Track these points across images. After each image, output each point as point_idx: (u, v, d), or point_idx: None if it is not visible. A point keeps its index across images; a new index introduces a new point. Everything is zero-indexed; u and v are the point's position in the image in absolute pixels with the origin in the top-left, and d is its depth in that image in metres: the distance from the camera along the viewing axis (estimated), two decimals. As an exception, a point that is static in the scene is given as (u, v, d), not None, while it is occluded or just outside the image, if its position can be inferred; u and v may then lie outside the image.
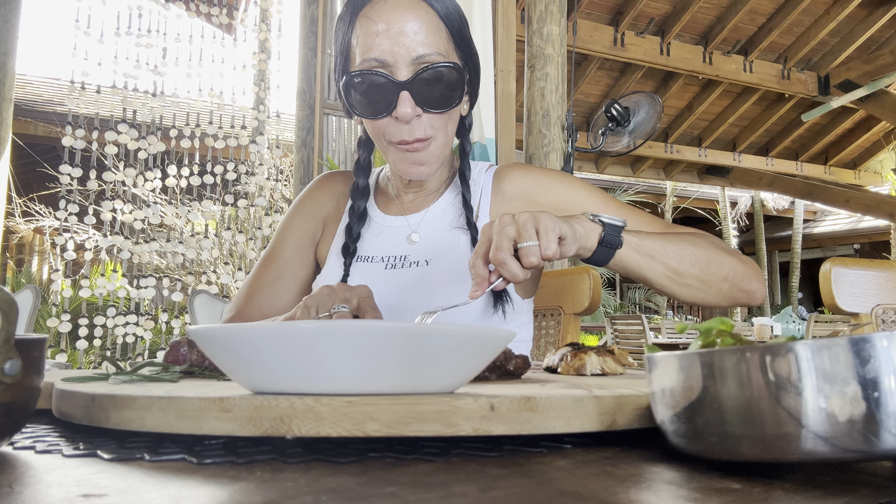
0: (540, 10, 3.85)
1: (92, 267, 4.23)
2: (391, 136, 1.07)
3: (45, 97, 7.54)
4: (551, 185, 1.19)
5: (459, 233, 1.16)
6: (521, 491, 0.36)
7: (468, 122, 1.22)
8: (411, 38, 1.03)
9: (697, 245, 1.02)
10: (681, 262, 0.99)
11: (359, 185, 1.21)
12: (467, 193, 1.18)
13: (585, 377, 0.76)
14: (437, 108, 1.05)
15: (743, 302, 1.07)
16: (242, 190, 4.41)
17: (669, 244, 0.99)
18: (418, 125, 1.06)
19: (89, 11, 4.11)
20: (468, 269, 1.12)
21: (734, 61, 7.59)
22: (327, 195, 1.31)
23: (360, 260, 1.18)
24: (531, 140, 3.79)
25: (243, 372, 0.49)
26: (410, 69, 1.03)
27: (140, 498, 0.34)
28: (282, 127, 6.83)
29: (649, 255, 0.96)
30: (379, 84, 1.03)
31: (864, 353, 0.34)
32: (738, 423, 0.37)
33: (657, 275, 0.98)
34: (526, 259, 0.80)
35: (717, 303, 1.04)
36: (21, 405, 0.44)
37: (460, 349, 0.49)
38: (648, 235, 0.98)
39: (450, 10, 1.09)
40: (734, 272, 1.03)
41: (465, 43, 1.12)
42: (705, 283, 1.01)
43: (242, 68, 4.50)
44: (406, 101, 1.02)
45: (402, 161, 1.10)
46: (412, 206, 1.22)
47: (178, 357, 0.76)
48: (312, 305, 0.92)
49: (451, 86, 1.06)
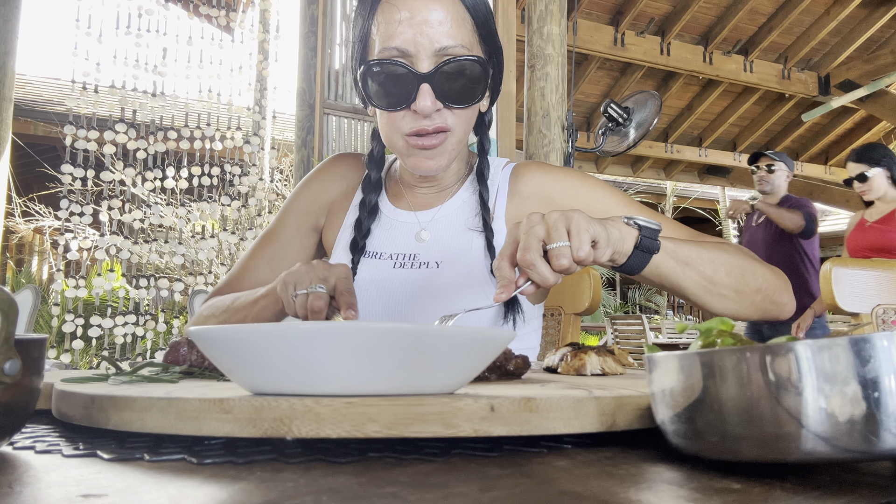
0: (540, 10, 3.85)
1: (91, 267, 4.23)
2: (405, 127, 1.02)
3: (45, 97, 7.54)
4: (571, 185, 1.14)
5: (473, 235, 1.11)
6: (521, 491, 0.36)
7: (488, 119, 1.17)
8: (435, 29, 0.98)
9: (731, 253, 0.96)
10: (716, 270, 0.93)
11: (371, 178, 1.17)
12: (485, 193, 1.12)
13: (585, 377, 0.76)
14: (458, 102, 1.01)
15: (773, 315, 1.01)
16: (239, 191, 4.41)
17: (704, 251, 0.93)
18: (438, 116, 1.01)
19: (89, 11, 4.11)
20: (482, 275, 1.08)
21: (734, 61, 7.59)
22: (337, 179, 1.25)
23: (368, 256, 1.14)
24: (531, 140, 3.79)
25: (243, 373, 0.49)
26: (432, 61, 0.98)
27: (140, 498, 0.34)
28: (281, 127, 6.83)
29: (685, 263, 0.90)
30: (398, 75, 0.98)
31: (864, 353, 0.34)
32: (739, 423, 0.37)
33: (692, 283, 0.91)
34: (556, 261, 0.74)
35: (748, 315, 0.98)
36: (21, 405, 0.44)
37: (460, 350, 0.49)
38: (683, 242, 0.92)
39: (477, 1, 1.04)
40: (767, 283, 0.98)
41: (491, 36, 1.07)
42: (739, 294, 0.95)
43: (239, 69, 4.50)
44: (426, 95, 0.98)
45: (413, 155, 1.05)
46: (424, 202, 1.16)
47: (178, 357, 0.76)
48: (290, 282, 0.91)
49: (474, 80, 1.01)
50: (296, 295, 0.90)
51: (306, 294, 0.89)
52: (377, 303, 1.09)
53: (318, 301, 0.88)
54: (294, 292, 0.90)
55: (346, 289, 0.90)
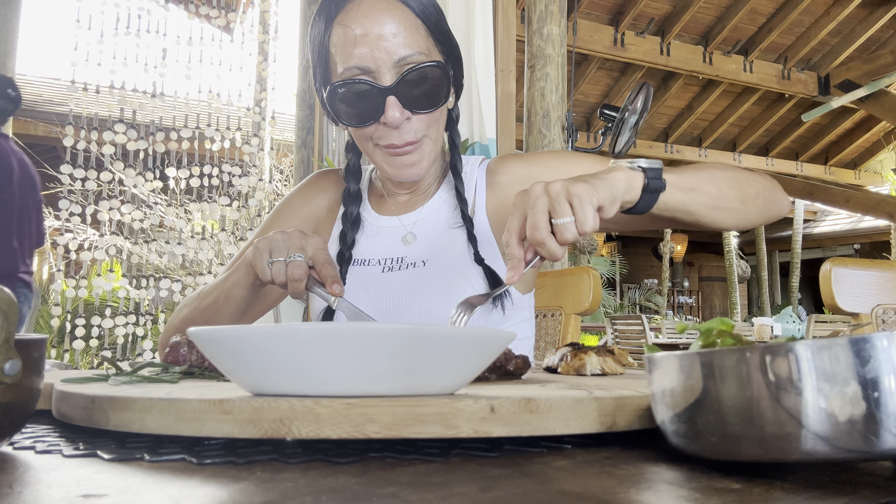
0: (540, 10, 3.85)
1: (91, 267, 4.22)
2: (379, 139, 1.05)
3: (45, 97, 7.54)
4: (547, 163, 1.17)
5: (456, 230, 1.14)
6: (521, 491, 0.36)
7: (455, 115, 1.19)
8: (391, 42, 1.00)
9: (723, 169, 1.00)
10: (718, 187, 0.96)
11: (350, 190, 1.18)
12: (460, 186, 1.15)
13: (585, 377, 0.76)
14: (424, 108, 1.03)
15: (774, 214, 1.06)
16: (239, 191, 4.41)
17: (702, 173, 0.97)
18: (408, 128, 1.03)
19: (89, 11, 4.11)
20: (467, 267, 1.09)
21: (734, 61, 7.60)
22: (320, 195, 1.26)
23: (355, 264, 1.15)
24: (531, 140, 3.79)
25: (243, 373, 0.49)
26: (394, 73, 1.01)
27: (140, 498, 0.34)
28: (281, 127, 6.83)
29: (689, 189, 0.92)
30: (364, 91, 1.01)
31: (864, 353, 0.34)
32: (739, 424, 0.37)
33: (700, 206, 0.94)
34: (561, 236, 0.75)
35: (755, 221, 1.04)
36: (21, 405, 0.44)
37: (460, 351, 0.49)
38: (680, 170, 0.95)
39: (425, 5, 1.05)
40: (762, 186, 1.03)
41: (445, 37, 1.09)
42: (744, 203, 1.00)
43: (240, 69, 4.50)
44: (393, 106, 1.00)
45: (392, 165, 1.07)
46: (406, 206, 1.19)
47: (178, 357, 0.76)
48: (265, 249, 0.90)
49: (437, 84, 1.03)
50: (272, 262, 0.90)
51: (284, 262, 0.88)
52: (367, 306, 1.10)
53: (297, 269, 0.88)
54: (270, 259, 0.90)
55: (325, 260, 0.90)
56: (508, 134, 3.60)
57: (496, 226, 1.15)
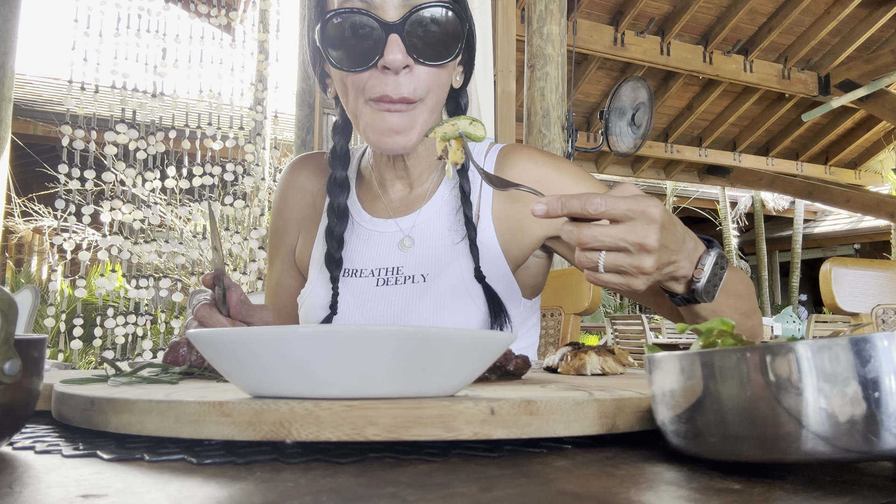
0: (540, 9, 3.85)
1: (91, 267, 4.22)
2: (371, 90, 0.89)
3: (44, 97, 7.54)
4: (559, 181, 1.02)
5: (459, 237, 1.01)
6: (521, 491, 0.36)
7: (464, 102, 1.03)
8: None
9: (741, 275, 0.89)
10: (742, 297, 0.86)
11: (336, 178, 1.04)
12: (466, 185, 1.00)
13: (586, 377, 0.76)
14: (431, 59, 0.88)
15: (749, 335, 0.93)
16: (240, 191, 4.41)
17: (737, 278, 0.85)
18: (406, 81, 0.88)
19: (89, 11, 4.11)
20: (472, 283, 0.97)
21: (734, 61, 7.59)
22: (298, 192, 1.15)
23: (347, 274, 1.03)
24: (531, 140, 3.79)
25: (242, 375, 0.49)
26: (401, 9, 0.86)
27: (140, 498, 0.34)
28: (281, 127, 6.83)
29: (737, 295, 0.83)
30: (363, 25, 0.85)
31: (864, 353, 0.34)
32: (739, 424, 0.37)
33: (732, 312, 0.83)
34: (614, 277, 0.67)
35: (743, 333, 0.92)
36: (21, 405, 0.44)
37: (460, 353, 0.49)
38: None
39: None
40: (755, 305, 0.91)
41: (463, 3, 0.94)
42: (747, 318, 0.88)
43: (242, 68, 4.50)
44: (395, 46, 0.85)
45: (377, 130, 0.91)
46: (403, 208, 1.05)
47: (178, 358, 0.76)
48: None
49: (448, 34, 0.88)
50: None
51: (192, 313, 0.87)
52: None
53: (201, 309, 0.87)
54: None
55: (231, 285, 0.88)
56: (508, 134, 3.60)
57: (502, 235, 1.02)
